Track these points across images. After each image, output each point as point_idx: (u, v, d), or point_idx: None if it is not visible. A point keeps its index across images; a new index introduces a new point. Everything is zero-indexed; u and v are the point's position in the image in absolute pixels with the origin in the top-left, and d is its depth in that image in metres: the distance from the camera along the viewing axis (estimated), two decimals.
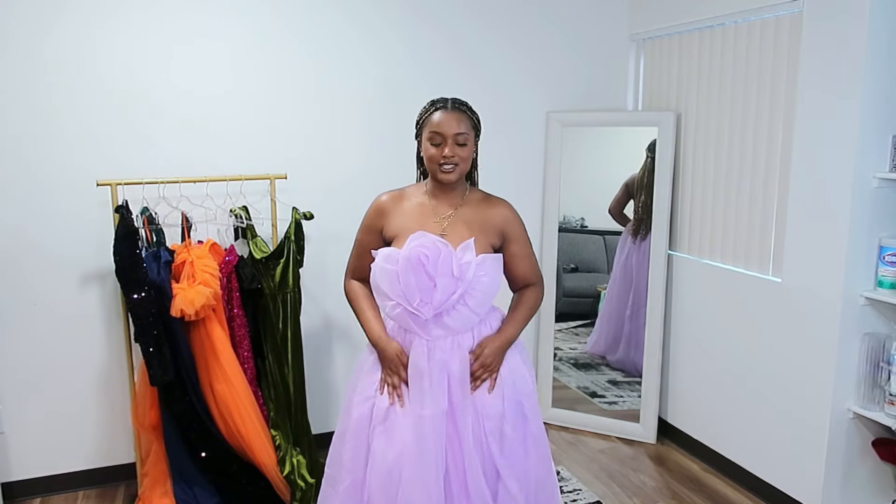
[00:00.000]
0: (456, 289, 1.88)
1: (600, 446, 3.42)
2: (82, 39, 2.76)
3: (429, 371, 1.92)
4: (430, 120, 1.97)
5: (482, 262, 1.91)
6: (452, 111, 1.97)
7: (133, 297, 2.53)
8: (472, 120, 2.00)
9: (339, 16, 3.10)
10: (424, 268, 1.87)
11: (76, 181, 2.81)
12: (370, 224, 2.06)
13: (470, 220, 2.00)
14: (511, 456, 1.96)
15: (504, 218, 2.04)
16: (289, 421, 2.87)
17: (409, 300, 1.89)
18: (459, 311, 1.93)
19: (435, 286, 1.88)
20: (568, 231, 3.61)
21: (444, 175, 1.95)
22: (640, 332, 3.46)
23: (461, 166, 1.96)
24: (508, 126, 3.46)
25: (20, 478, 2.93)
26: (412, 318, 1.92)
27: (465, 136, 1.95)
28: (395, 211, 2.02)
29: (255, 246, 2.83)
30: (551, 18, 3.45)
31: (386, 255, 1.92)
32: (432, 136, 1.95)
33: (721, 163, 3.08)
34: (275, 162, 3.04)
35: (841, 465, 2.64)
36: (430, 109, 1.99)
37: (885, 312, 2.56)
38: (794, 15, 2.67)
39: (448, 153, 1.93)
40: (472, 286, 1.89)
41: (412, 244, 1.89)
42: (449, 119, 1.94)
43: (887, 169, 2.45)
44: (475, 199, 2.06)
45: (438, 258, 1.87)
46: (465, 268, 1.88)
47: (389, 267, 1.90)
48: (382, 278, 1.91)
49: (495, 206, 2.05)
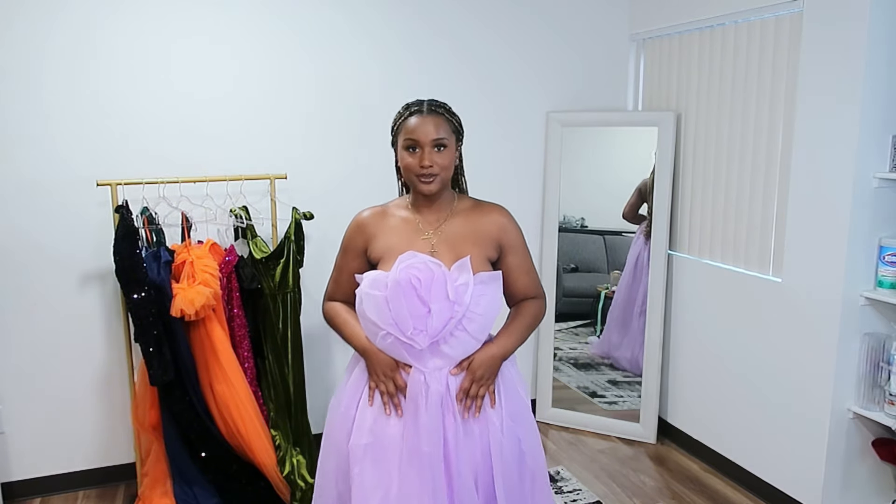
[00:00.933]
0: (453, 314, 1.70)
1: (600, 446, 3.42)
2: (82, 39, 2.76)
3: (426, 406, 1.72)
4: (404, 126, 1.78)
5: (480, 282, 1.73)
6: (429, 115, 1.77)
7: (133, 297, 2.53)
8: (452, 123, 1.81)
9: (338, 16, 3.10)
10: (416, 292, 1.68)
11: (76, 181, 2.81)
12: (351, 245, 1.87)
13: (462, 233, 1.81)
14: (511, 497, 1.80)
15: (499, 226, 1.85)
16: (289, 421, 2.87)
17: (401, 329, 1.69)
18: (458, 338, 1.73)
19: (429, 312, 1.69)
20: (568, 231, 3.61)
21: (424, 186, 1.76)
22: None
23: (442, 175, 1.77)
24: (508, 126, 3.46)
25: (20, 478, 2.93)
26: (405, 349, 1.72)
27: (445, 141, 1.76)
28: (379, 229, 1.83)
29: (255, 246, 2.83)
30: (551, 19, 3.45)
31: (373, 279, 1.73)
32: (408, 144, 1.76)
33: (721, 163, 3.08)
34: (275, 162, 3.04)
35: (841, 465, 2.64)
36: (404, 114, 1.80)
37: (885, 312, 2.56)
38: (794, 15, 2.67)
39: (426, 162, 1.73)
40: (471, 309, 1.71)
41: (401, 266, 1.71)
42: (425, 124, 1.75)
43: (887, 169, 2.45)
44: (465, 207, 1.86)
45: (432, 281, 1.69)
46: (461, 290, 1.70)
47: (377, 293, 1.70)
48: (370, 306, 1.72)
49: (488, 214, 1.86)
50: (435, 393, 1.72)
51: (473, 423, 1.77)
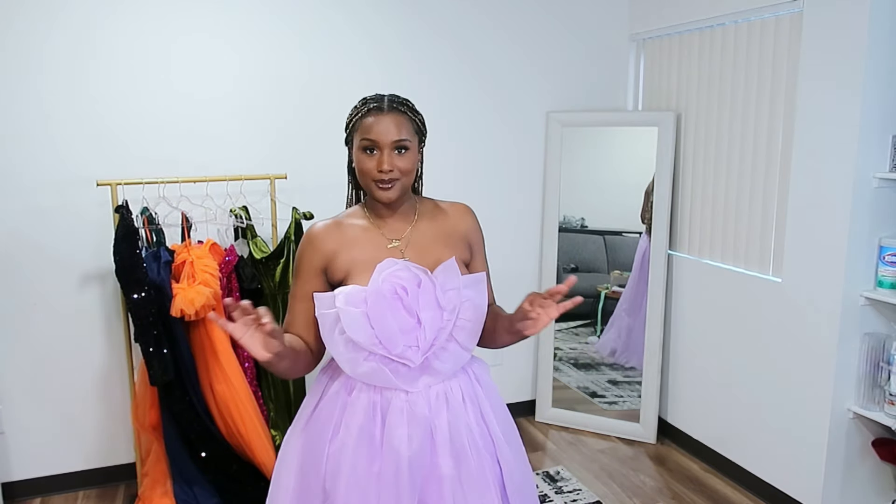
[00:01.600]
0: (443, 323, 1.52)
1: (600, 446, 3.42)
2: (82, 39, 2.76)
3: (409, 439, 1.50)
4: (361, 124, 1.55)
5: (465, 286, 1.57)
6: (390, 112, 1.54)
7: (133, 297, 2.53)
8: (415, 122, 1.59)
9: (338, 16, 3.10)
10: (402, 302, 1.50)
11: (76, 181, 2.81)
12: (306, 265, 1.58)
13: (431, 237, 1.62)
14: None
15: (468, 225, 1.68)
16: (289, 421, 2.86)
17: (390, 347, 1.48)
18: (449, 351, 1.55)
19: (419, 323, 1.50)
20: (568, 231, 3.61)
21: (382, 193, 1.54)
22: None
23: (402, 181, 1.55)
24: (508, 126, 3.46)
25: (20, 478, 2.93)
26: (392, 371, 1.50)
27: (406, 143, 1.54)
28: (339, 243, 1.58)
29: (255, 246, 2.84)
30: (551, 18, 3.45)
31: (347, 294, 1.49)
32: (365, 145, 1.54)
33: (721, 163, 3.07)
34: (275, 162, 3.04)
35: (841, 465, 2.64)
36: (360, 110, 1.57)
37: (885, 312, 2.56)
38: (794, 15, 2.67)
39: (385, 166, 1.51)
40: (460, 316, 1.54)
41: (383, 274, 1.51)
42: (385, 123, 1.53)
43: (887, 169, 2.45)
44: (428, 209, 1.67)
45: (419, 288, 1.51)
46: (451, 296, 1.53)
47: (355, 310, 1.47)
48: (351, 325, 1.47)
49: (455, 213, 1.69)
50: (422, 419, 1.52)
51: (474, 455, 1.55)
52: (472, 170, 3.43)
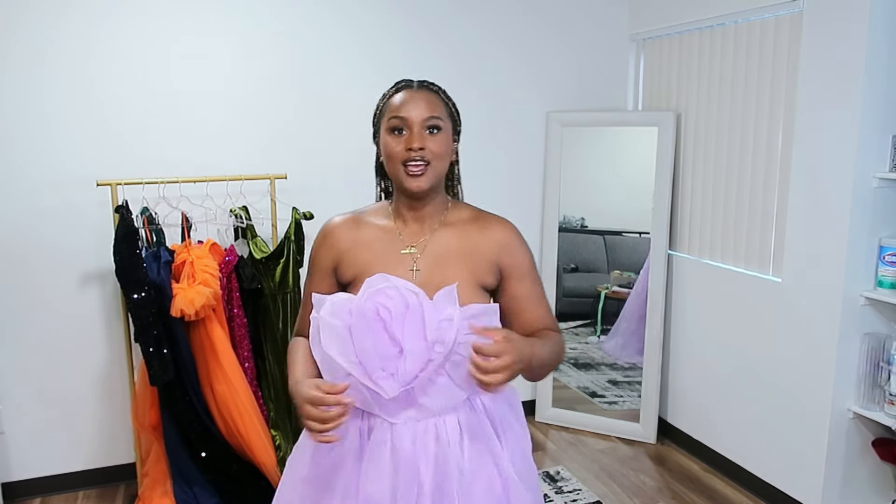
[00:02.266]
0: (431, 356, 1.30)
1: (600, 446, 3.42)
2: (82, 39, 2.76)
3: (392, 474, 1.34)
4: (389, 104, 1.41)
5: (471, 317, 1.32)
6: (420, 90, 1.42)
7: (133, 297, 2.53)
8: (448, 106, 1.44)
9: (337, 17, 3.10)
10: (385, 326, 1.31)
11: (76, 181, 2.81)
12: (318, 263, 1.48)
13: (453, 249, 1.43)
14: None
15: (501, 245, 1.46)
16: (289, 421, 2.87)
17: (366, 370, 1.30)
18: (439, 386, 1.34)
19: (401, 353, 1.30)
20: (568, 231, 3.61)
21: (411, 178, 1.37)
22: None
23: (435, 164, 1.39)
24: (508, 126, 3.46)
25: (20, 478, 2.93)
26: (373, 396, 1.32)
27: (439, 122, 1.39)
28: (352, 242, 1.45)
29: (255, 246, 2.84)
30: (551, 19, 3.45)
31: (334, 303, 1.35)
32: (393, 125, 1.39)
33: (721, 163, 3.08)
34: (275, 162, 3.04)
35: (841, 465, 2.64)
36: (388, 93, 1.45)
37: (885, 312, 2.56)
38: (794, 15, 2.67)
39: (416, 144, 1.36)
40: (457, 351, 1.30)
41: (367, 292, 1.33)
42: (415, 99, 1.39)
43: (887, 169, 2.45)
44: (460, 218, 1.47)
45: (405, 314, 1.31)
46: (445, 327, 1.30)
47: (337, 322, 1.33)
48: (329, 337, 1.32)
49: (489, 227, 1.47)
50: (404, 457, 1.33)
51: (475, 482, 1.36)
52: (472, 170, 3.39)
